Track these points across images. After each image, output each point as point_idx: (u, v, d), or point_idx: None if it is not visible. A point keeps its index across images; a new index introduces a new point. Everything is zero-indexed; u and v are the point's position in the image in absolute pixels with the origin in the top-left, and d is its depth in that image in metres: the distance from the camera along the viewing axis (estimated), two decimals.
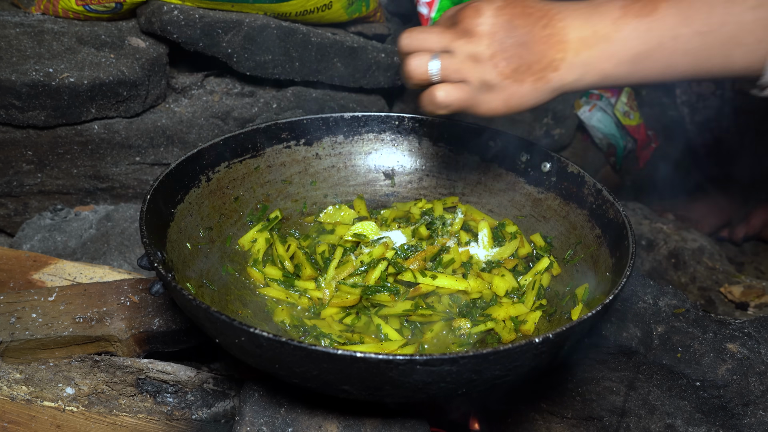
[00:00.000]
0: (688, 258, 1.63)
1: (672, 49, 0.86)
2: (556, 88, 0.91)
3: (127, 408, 1.03)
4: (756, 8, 0.83)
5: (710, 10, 0.84)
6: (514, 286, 1.10)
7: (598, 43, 0.87)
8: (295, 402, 0.93)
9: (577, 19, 0.89)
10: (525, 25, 0.89)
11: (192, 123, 1.51)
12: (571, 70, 0.89)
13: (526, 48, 0.89)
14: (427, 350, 1.01)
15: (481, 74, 0.90)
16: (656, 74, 0.89)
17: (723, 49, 0.85)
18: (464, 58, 0.91)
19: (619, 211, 1.04)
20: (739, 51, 0.85)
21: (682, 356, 1.06)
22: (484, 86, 0.91)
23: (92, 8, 1.48)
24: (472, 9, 0.91)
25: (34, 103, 1.35)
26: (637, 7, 0.87)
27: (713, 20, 0.84)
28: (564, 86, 0.91)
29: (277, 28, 1.49)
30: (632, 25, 0.86)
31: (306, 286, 1.09)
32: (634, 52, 0.87)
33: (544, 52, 0.89)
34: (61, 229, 1.43)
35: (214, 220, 1.13)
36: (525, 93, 0.90)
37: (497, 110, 0.93)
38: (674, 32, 0.85)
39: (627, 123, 2.04)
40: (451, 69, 0.91)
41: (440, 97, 0.92)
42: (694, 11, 0.85)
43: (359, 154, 1.29)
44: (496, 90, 0.90)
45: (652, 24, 0.86)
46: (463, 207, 1.24)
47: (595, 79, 0.90)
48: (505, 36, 0.89)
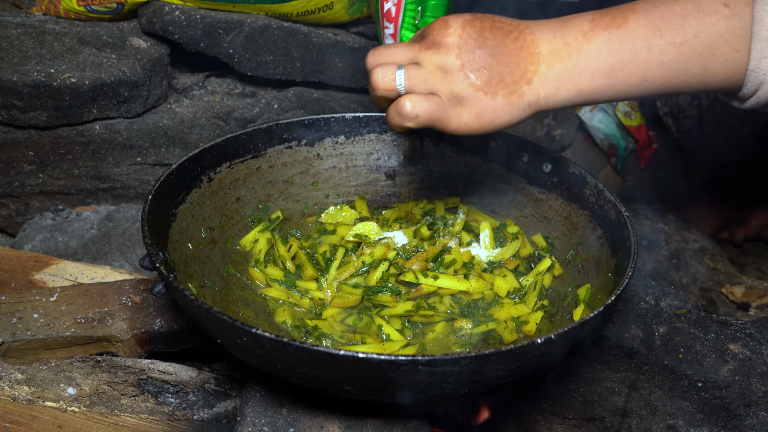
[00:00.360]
0: (690, 258, 1.63)
1: (647, 61, 0.84)
2: (530, 103, 0.87)
3: (129, 408, 1.03)
4: (730, 18, 0.82)
5: (683, 21, 0.82)
6: (515, 286, 1.10)
7: (569, 56, 0.85)
8: (297, 402, 0.93)
9: (547, 33, 0.86)
10: (495, 38, 0.86)
11: (193, 123, 1.51)
12: (544, 84, 0.86)
13: (497, 59, 0.85)
14: (428, 351, 1.01)
15: (451, 85, 0.86)
16: (634, 88, 0.86)
17: (700, 59, 0.83)
18: (432, 69, 0.86)
19: (620, 212, 1.04)
20: (716, 61, 0.83)
21: (684, 357, 1.06)
22: (454, 99, 0.86)
23: (93, 9, 1.48)
24: (440, 21, 0.88)
25: (36, 104, 1.35)
26: (607, 19, 0.85)
27: (687, 30, 0.82)
28: (539, 101, 0.87)
29: (279, 29, 1.49)
30: (602, 36, 0.84)
31: (307, 286, 1.09)
32: (608, 63, 0.84)
33: (516, 64, 0.85)
34: (62, 229, 1.43)
35: (215, 220, 1.13)
36: (498, 107, 0.86)
37: (469, 125, 0.87)
38: (647, 43, 0.83)
39: (628, 123, 2.04)
40: (418, 79, 0.87)
41: (407, 108, 0.85)
42: (665, 22, 0.83)
43: (361, 155, 1.29)
44: (468, 103, 0.86)
45: (623, 35, 0.84)
46: (464, 207, 1.24)
47: (570, 95, 0.86)
48: (475, 47, 0.86)
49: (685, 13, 0.83)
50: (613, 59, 0.84)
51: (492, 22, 0.88)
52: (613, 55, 0.84)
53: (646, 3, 0.86)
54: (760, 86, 0.84)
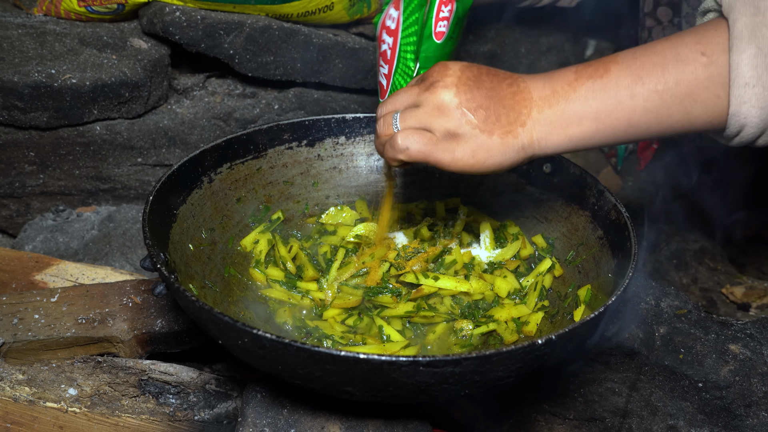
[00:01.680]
0: (690, 259, 1.63)
1: (631, 107, 0.87)
2: (524, 145, 0.89)
3: (130, 409, 1.03)
4: (708, 66, 0.85)
5: (663, 70, 0.86)
6: (516, 287, 1.10)
7: (558, 102, 0.88)
8: (298, 403, 0.93)
9: (537, 82, 0.91)
10: (492, 81, 0.90)
11: (194, 124, 1.51)
12: (537, 127, 0.89)
13: (494, 100, 0.89)
14: (429, 352, 1.01)
15: (446, 123, 0.88)
16: (621, 133, 0.89)
17: (682, 105, 0.86)
18: (430, 109, 0.89)
19: (621, 213, 1.04)
20: (698, 107, 0.86)
21: (684, 357, 1.06)
22: (448, 135, 0.88)
23: (94, 9, 1.48)
24: (440, 65, 0.92)
25: (37, 104, 1.35)
26: (590, 70, 0.89)
27: (668, 78, 0.86)
28: (532, 144, 0.89)
29: (279, 30, 1.49)
30: (587, 85, 0.88)
31: (308, 287, 1.09)
32: (594, 110, 0.88)
33: (512, 107, 0.89)
34: (63, 230, 1.44)
35: (216, 221, 1.13)
36: (493, 146, 0.88)
37: (463, 161, 0.89)
38: (630, 91, 0.87)
39: None
40: (413, 119, 0.90)
41: (398, 141, 0.89)
42: (646, 71, 0.86)
43: (361, 155, 1.29)
44: (463, 140, 0.88)
45: (606, 84, 0.87)
46: (464, 208, 1.24)
47: (561, 139, 0.89)
48: (474, 87, 0.89)
49: (664, 63, 0.86)
50: (599, 106, 0.88)
51: (488, 69, 0.92)
52: (599, 102, 0.88)
53: (626, 54, 0.89)
54: (743, 128, 0.87)
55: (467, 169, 0.89)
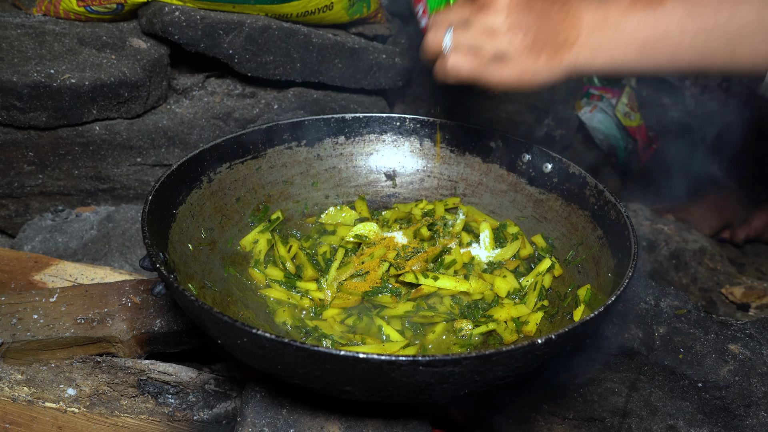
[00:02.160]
0: (689, 259, 1.63)
1: (678, 42, 0.89)
2: (568, 66, 0.93)
3: (129, 409, 1.03)
4: (762, 8, 0.86)
5: (717, 8, 0.88)
6: (515, 287, 1.10)
7: (608, 28, 0.91)
8: (297, 403, 0.93)
9: (590, 4, 0.93)
10: (542, 4, 0.93)
11: (193, 124, 1.51)
12: (583, 51, 0.92)
13: (543, 23, 0.92)
14: (428, 351, 1.01)
15: (496, 46, 0.93)
16: (663, 64, 0.92)
17: (728, 46, 0.88)
18: (480, 31, 0.94)
19: (621, 212, 1.04)
20: (743, 50, 0.88)
21: (684, 357, 1.06)
22: (497, 57, 0.93)
23: (93, 9, 1.48)
24: None
25: (36, 104, 1.35)
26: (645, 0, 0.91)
27: (719, 18, 0.87)
28: (576, 66, 0.93)
29: (279, 29, 1.49)
30: (640, 15, 0.90)
31: (307, 287, 1.09)
32: (641, 40, 0.91)
33: (560, 30, 0.92)
34: (62, 230, 1.43)
35: (215, 221, 1.13)
36: (539, 68, 0.93)
37: (509, 82, 0.94)
38: (680, 26, 0.89)
39: (628, 124, 2.04)
40: (464, 40, 0.94)
41: (449, 65, 0.95)
42: (701, 8, 0.88)
43: (360, 155, 1.29)
44: (511, 62, 0.93)
45: (659, 16, 0.90)
46: (464, 208, 1.24)
47: (604, 63, 0.93)
48: (523, 11, 0.92)
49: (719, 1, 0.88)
50: (647, 36, 0.90)
51: None
52: (648, 33, 0.90)
53: None
54: None
55: (512, 88, 0.95)
